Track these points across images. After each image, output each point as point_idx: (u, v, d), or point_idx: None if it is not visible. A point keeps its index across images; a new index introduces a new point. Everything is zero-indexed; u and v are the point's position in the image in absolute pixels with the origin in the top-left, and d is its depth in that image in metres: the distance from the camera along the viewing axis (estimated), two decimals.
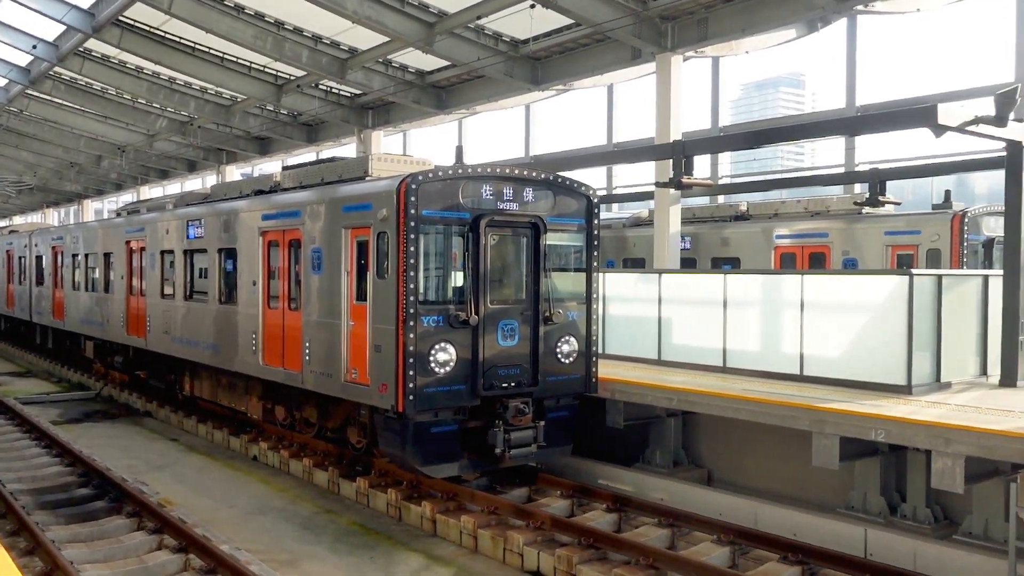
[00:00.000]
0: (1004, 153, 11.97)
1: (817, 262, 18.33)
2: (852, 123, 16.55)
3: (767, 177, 24.90)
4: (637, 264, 21.88)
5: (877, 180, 17.35)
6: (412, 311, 10.67)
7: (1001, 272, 12.06)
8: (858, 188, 19.88)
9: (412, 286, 10.67)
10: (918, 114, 10.93)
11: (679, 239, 19.66)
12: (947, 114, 10.49)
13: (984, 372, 12.35)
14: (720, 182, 24.56)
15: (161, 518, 10.27)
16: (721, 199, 23.10)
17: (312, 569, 9.79)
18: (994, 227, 16.80)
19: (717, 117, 25.24)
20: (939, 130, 10.57)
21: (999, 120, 10.86)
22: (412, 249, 10.68)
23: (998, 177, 12.40)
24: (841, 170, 21.97)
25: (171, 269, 17.70)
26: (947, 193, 17.60)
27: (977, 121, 10.79)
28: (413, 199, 10.67)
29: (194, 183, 45.94)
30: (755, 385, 12.02)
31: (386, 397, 10.94)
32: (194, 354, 16.75)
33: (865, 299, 11.90)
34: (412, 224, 10.68)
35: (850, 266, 17.42)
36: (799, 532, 10.34)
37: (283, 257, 13.65)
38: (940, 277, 11.71)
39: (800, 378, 12.25)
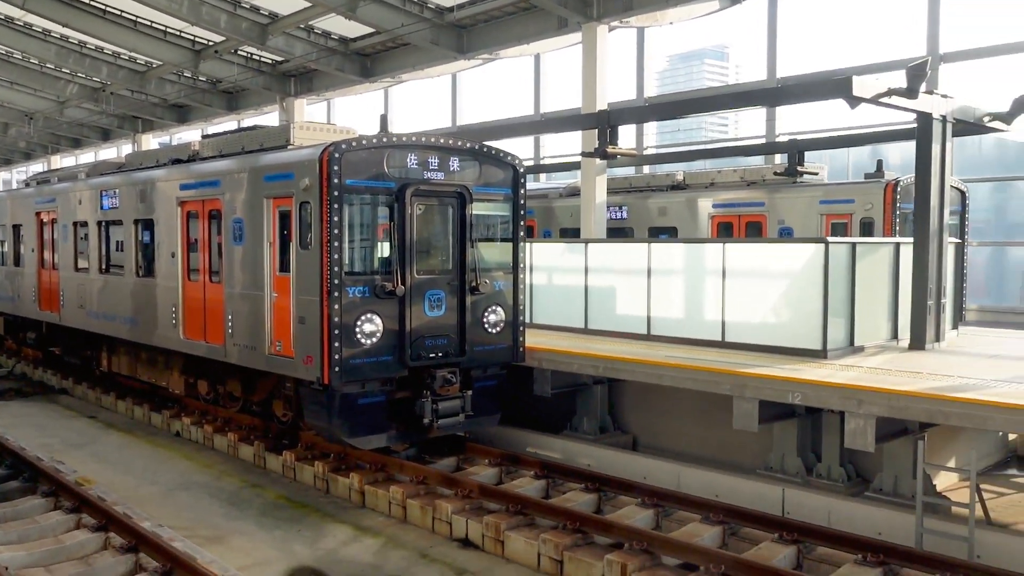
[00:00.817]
0: (915, 124, 12.39)
1: (754, 231, 18.35)
2: (772, 94, 16.88)
3: (691, 148, 25.23)
4: (574, 234, 21.84)
5: (796, 150, 17.74)
6: (337, 282, 10.54)
7: (911, 240, 12.51)
8: (779, 159, 20.29)
9: (336, 257, 10.53)
10: (834, 86, 11.19)
11: (605, 209, 19.82)
12: (862, 86, 10.77)
13: (895, 336, 12.84)
14: (645, 152, 24.81)
15: (79, 497, 9.98)
16: (647, 169, 23.24)
17: (238, 544, 9.67)
18: None
19: (642, 88, 25.41)
20: (854, 101, 10.84)
21: (910, 92, 11.20)
22: (336, 219, 10.52)
23: (911, 148, 12.81)
24: (762, 141, 22.45)
25: (85, 241, 17.08)
26: (879, 163, 17.73)
27: (890, 93, 11.11)
28: (336, 168, 10.49)
29: (109, 152, 44.25)
30: (678, 352, 12.26)
31: (311, 369, 10.81)
32: (111, 329, 16.25)
33: (783, 267, 12.23)
34: (336, 194, 10.51)
35: (786, 235, 17.57)
36: (721, 493, 10.65)
37: (203, 228, 13.29)
38: (854, 245, 12.09)
39: (722, 344, 12.55)
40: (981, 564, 8.12)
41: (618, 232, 20.59)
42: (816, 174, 18.27)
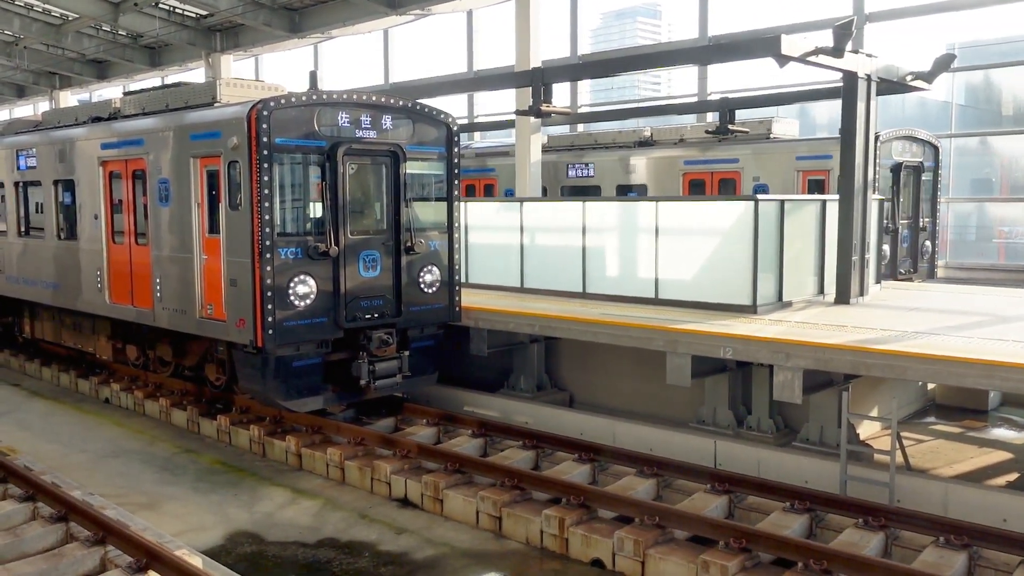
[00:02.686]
0: (841, 83, 12.62)
1: (728, 188, 18.04)
2: (702, 53, 16.99)
3: (624, 106, 25.28)
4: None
5: (727, 109, 17.93)
6: (268, 243, 10.34)
7: (837, 197, 12.81)
8: (710, 117, 20.48)
9: (268, 217, 10.31)
10: (763, 44, 11.30)
11: (540, 167, 19.79)
12: (790, 45, 10.91)
13: (822, 291, 13.19)
14: (580, 111, 24.79)
15: (4, 467, 9.68)
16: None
17: (173, 509, 9.55)
18: (901, 151, 16.99)
19: (576, 45, 25.31)
20: (782, 60, 10.98)
21: (836, 51, 11.38)
22: (266, 179, 10.28)
23: (838, 107, 13.06)
24: (695, 99, 22.63)
25: (1, 203, 16.38)
26: None
27: (817, 52, 11.27)
28: (265, 126, 10.23)
29: (24, 110, 42.33)
30: (613, 309, 12.41)
31: (244, 332, 10.64)
32: (33, 294, 15.70)
33: (715, 224, 12.42)
34: (265, 153, 10.26)
35: (761, 192, 17.06)
36: (655, 447, 10.88)
37: (127, 189, 12.87)
38: (782, 202, 12.33)
39: (656, 301, 12.74)
40: (900, 508, 8.49)
41: (584, 191, 19.97)
42: (747, 132, 18.40)
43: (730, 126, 17.96)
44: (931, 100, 23.05)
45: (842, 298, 12.62)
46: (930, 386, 13.55)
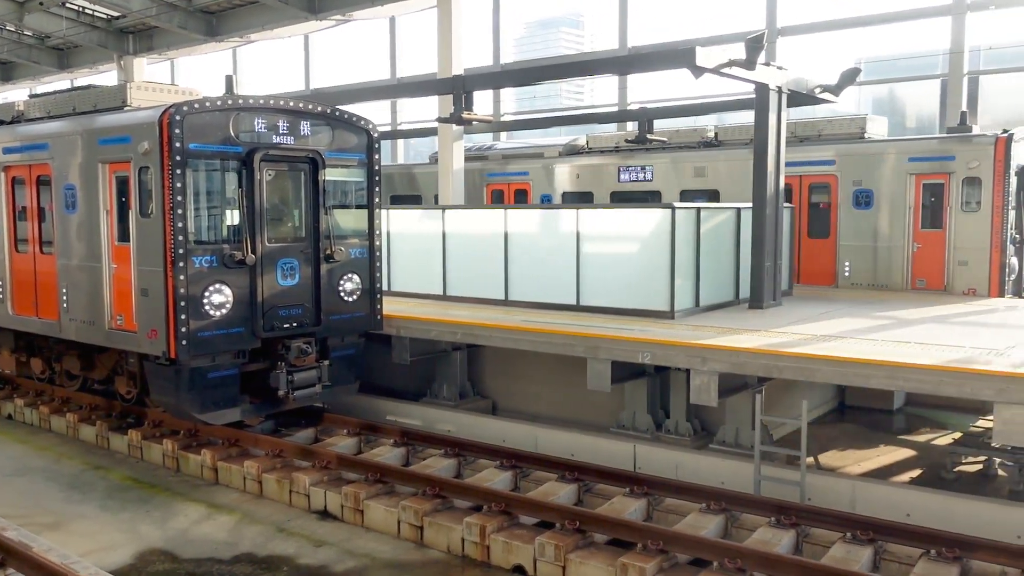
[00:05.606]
0: (754, 95, 12.99)
1: (821, 195, 16.29)
2: (621, 63, 17.26)
3: (546, 115, 25.52)
4: (577, 199, 19.32)
5: (646, 118, 18.24)
6: (181, 251, 10.07)
7: (751, 205, 13.17)
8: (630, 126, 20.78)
9: (180, 225, 10.05)
10: (679, 56, 11.55)
11: (462, 175, 19.81)
12: (705, 56, 11.18)
13: (737, 296, 13.54)
14: (502, 119, 24.91)
15: None
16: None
17: (81, 528, 9.19)
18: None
19: (499, 54, 25.47)
20: (698, 71, 11.24)
21: (749, 63, 11.72)
22: (179, 185, 10.02)
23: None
24: (615, 109, 22.97)
25: None
26: (963, 115, 15.86)
27: (730, 64, 11.58)
28: (178, 131, 9.98)
29: None
30: (535, 316, 12.49)
31: (156, 343, 10.33)
32: None
33: (634, 232, 12.62)
34: (178, 158, 10.00)
35: (863, 199, 15.78)
36: (576, 452, 10.98)
37: (31, 195, 12.39)
38: (699, 210, 12.61)
39: (577, 308, 12.88)
40: (811, 505, 8.76)
41: (640, 197, 17.99)
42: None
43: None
44: (842, 111, 23.88)
45: (756, 302, 12.96)
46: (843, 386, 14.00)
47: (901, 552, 7.79)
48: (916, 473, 10.96)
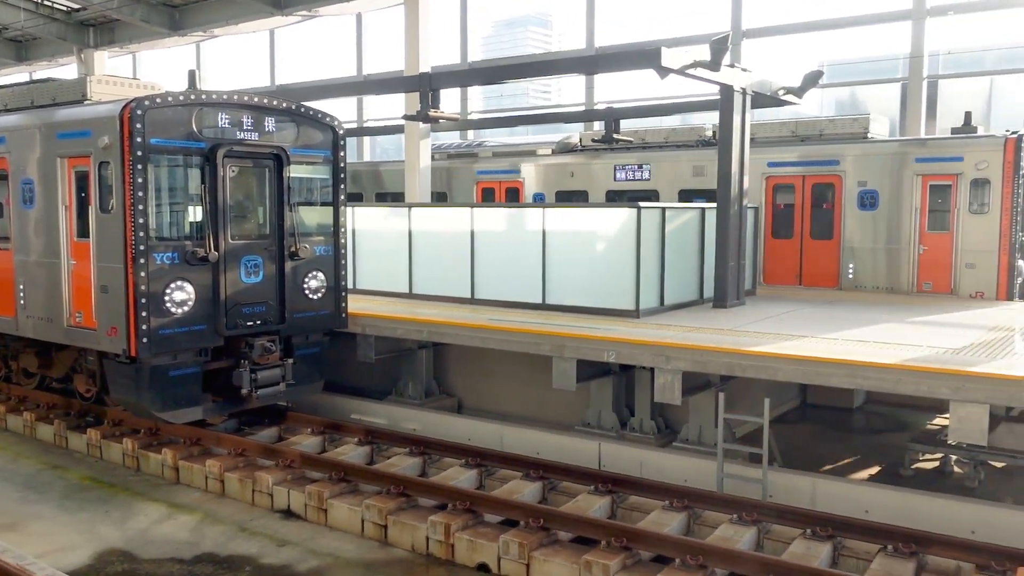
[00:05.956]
0: (719, 96, 13.12)
1: (823, 196, 16.11)
2: (588, 62, 17.31)
3: (514, 114, 25.54)
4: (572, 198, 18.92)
5: (612, 118, 18.35)
6: (143, 248, 9.93)
7: (716, 205, 13.29)
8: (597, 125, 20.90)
9: (142, 221, 9.91)
10: (645, 56, 11.62)
11: (429, 172, 19.76)
12: (670, 57, 11.26)
13: (701, 295, 13.65)
14: (470, 117, 24.90)
15: None
16: (471, 134, 23.20)
17: (37, 529, 9.02)
18: None
19: (466, 52, 25.45)
20: (663, 72, 11.32)
21: (714, 65, 11.82)
22: (140, 181, 9.88)
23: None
24: (582, 108, 23.07)
25: None
26: (967, 115, 15.75)
27: (696, 65, 11.68)
28: (139, 126, 9.83)
29: None
30: (502, 315, 12.49)
31: (117, 341, 10.18)
32: None
33: (599, 231, 12.68)
34: (139, 153, 9.86)
35: (868, 199, 15.68)
36: (542, 450, 11.01)
37: None
38: (664, 210, 12.70)
39: (543, 307, 12.90)
40: (772, 503, 8.87)
41: (638, 197, 17.23)
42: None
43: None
44: (805, 114, 24.16)
45: (720, 302, 13.08)
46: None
47: (860, 548, 7.92)
48: (875, 470, 11.14)
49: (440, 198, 20.69)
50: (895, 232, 15.48)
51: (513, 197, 19.93)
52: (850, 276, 15.96)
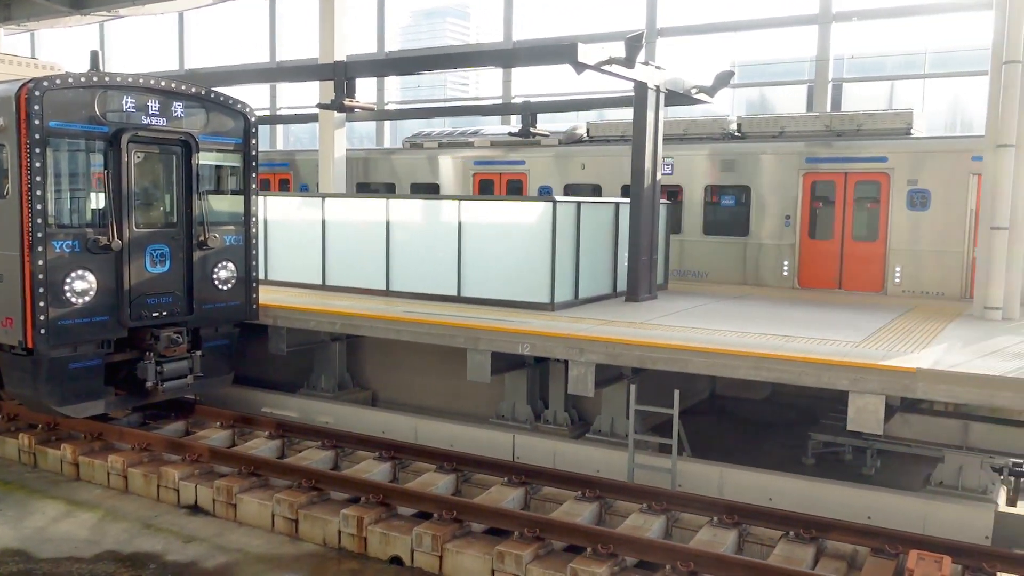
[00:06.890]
0: (633, 92, 13.32)
1: (869, 195, 15.06)
2: (505, 56, 17.35)
3: (430, 105, 25.41)
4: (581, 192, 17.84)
5: (529, 112, 18.42)
6: (40, 235, 9.52)
7: (629, 200, 13.50)
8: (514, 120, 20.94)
9: (40, 207, 9.49)
10: (561, 51, 11.72)
11: (344, 162, 19.50)
12: (586, 53, 11.38)
13: (615, 289, 13.87)
14: (386, 108, 24.65)
15: None
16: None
17: None
18: None
19: (383, 42, 25.18)
20: (579, 67, 11.43)
21: (628, 62, 11.99)
22: (38, 165, 9.46)
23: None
24: (500, 101, 23.13)
25: None
26: None
27: (611, 61, 11.83)
28: (37, 108, 9.40)
29: None
30: (417, 307, 12.43)
31: (12, 332, 9.73)
32: None
33: (515, 224, 12.72)
34: (37, 137, 9.43)
35: (918, 199, 14.78)
36: (456, 442, 11.01)
37: None
38: (579, 204, 12.84)
39: (458, 299, 12.89)
40: (681, 492, 9.10)
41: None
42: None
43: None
44: (719, 112, 24.70)
45: (633, 295, 13.31)
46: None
47: (764, 534, 8.19)
48: (779, 459, 11.51)
49: (431, 190, 19.68)
50: (947, 235, 14.55)
51: (515, 190, 18.97)
52: (896, 281, 15.08)
